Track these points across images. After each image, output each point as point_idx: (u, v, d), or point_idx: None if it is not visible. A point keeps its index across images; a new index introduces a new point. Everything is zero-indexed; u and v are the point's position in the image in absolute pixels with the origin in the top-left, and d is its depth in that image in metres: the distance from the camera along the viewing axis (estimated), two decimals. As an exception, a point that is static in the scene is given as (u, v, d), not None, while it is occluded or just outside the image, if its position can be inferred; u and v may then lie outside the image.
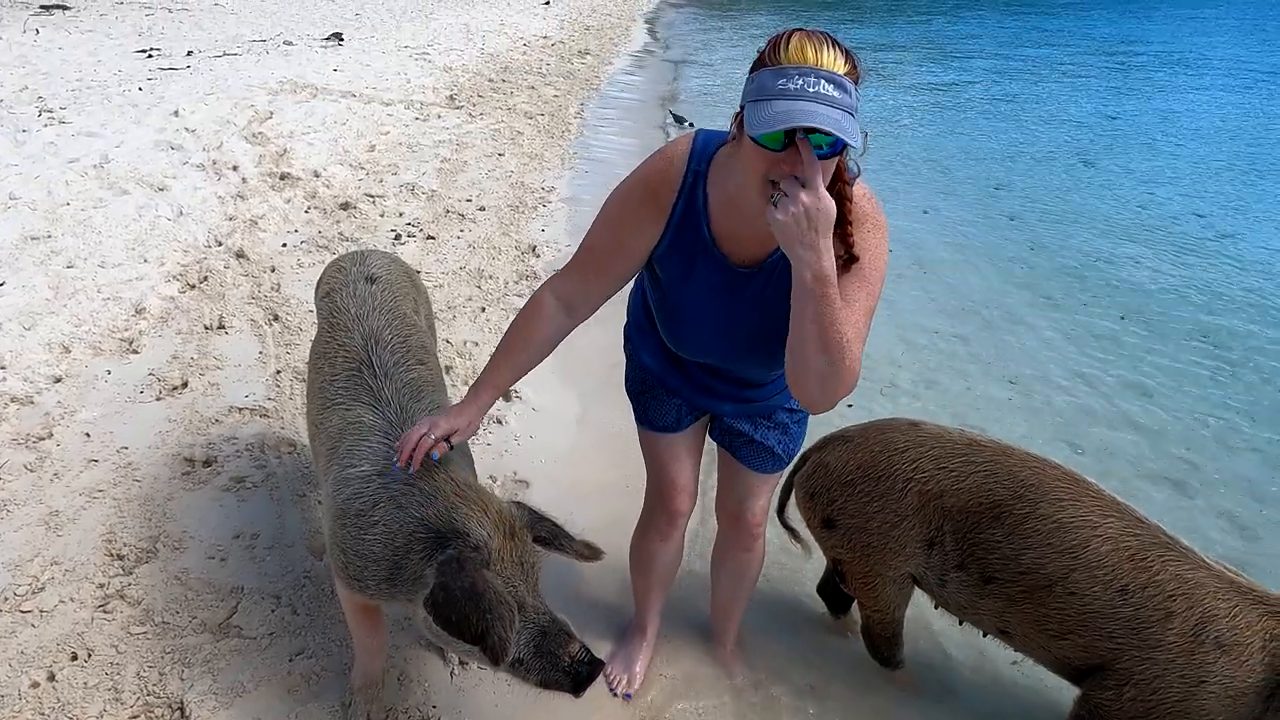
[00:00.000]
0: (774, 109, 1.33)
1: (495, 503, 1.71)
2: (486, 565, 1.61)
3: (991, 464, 2.01)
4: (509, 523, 1.68)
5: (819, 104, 1.31)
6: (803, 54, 1.33)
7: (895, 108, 11.58)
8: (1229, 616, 1.77)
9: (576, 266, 1.75)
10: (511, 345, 1.76)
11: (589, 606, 2.56)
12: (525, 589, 1.66)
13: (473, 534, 1.63)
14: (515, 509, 1.75)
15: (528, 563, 1.68)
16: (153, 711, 2.07)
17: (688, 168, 1.61)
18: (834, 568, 2.34)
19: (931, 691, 2.36)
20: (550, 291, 1.75)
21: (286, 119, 7.40)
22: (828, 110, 1.31)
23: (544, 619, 1.67)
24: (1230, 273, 5.81)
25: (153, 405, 3.32)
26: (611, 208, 1.71)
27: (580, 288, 1.74)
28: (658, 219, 1.66)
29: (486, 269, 4.89)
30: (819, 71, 1.32)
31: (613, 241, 1.71)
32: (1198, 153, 9.44)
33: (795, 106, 1.31)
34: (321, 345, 2.17)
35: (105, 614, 2.33)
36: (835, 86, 1.32)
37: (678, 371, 1.94)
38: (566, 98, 10.26)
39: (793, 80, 1.32)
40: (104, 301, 4.04)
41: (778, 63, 1.35)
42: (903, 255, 5.82)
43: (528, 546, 1.69)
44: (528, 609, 1.66)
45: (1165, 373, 4.37)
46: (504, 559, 1.64)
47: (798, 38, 1.36)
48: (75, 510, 2.71)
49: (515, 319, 1.78)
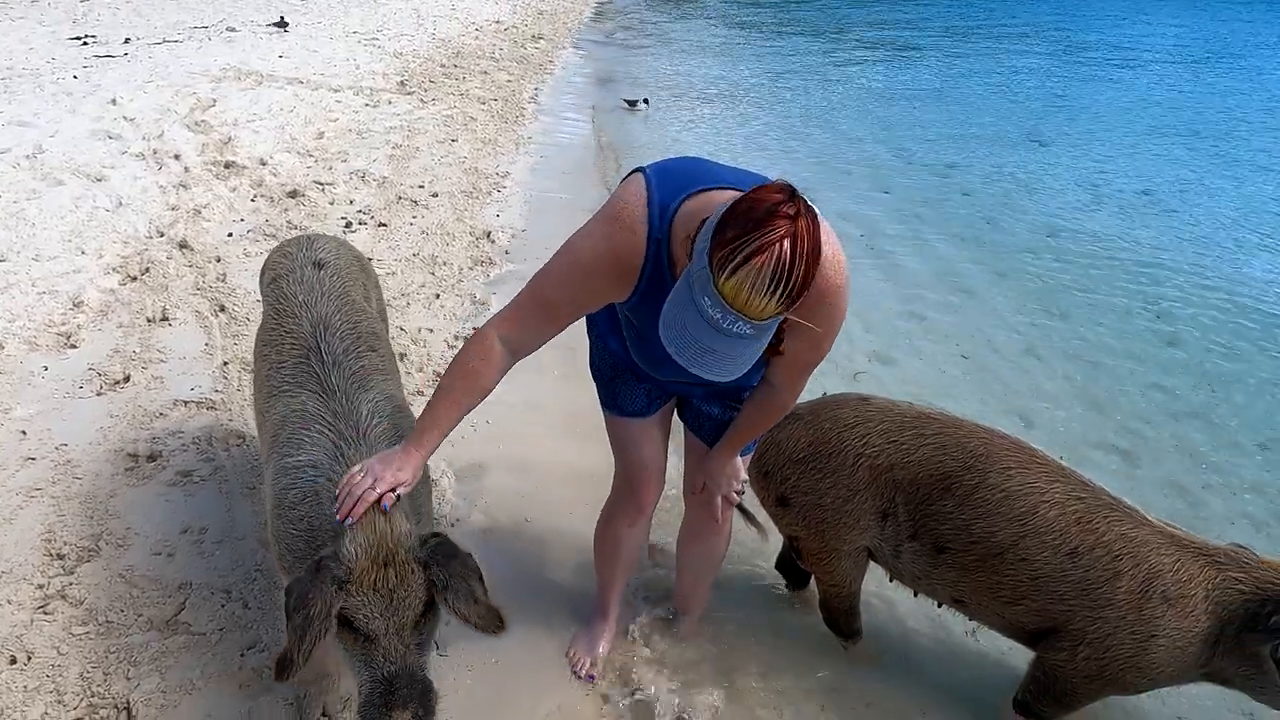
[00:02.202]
0: (684, 338, 1.35)
1: (389, 526, 1.56)
2: (342, 584, 1.50)
3: (941, 436, 2.03)
4: (388, 550, 1.53)
5: (724, 345, 1.33)
6: (736, 295, 1.27)
7: (852, 92, 11.66)
8: (1173, 571, 1.82)
9: (528, 318, 1.69)
10: (460, 391, 1.69)
11: (549, 588, 2.54)
12: (386, 624, 1.51)
13: (344, 549, 1.52)
14: (424, 541, 1.59)
15: (399, 598, 1.52)
16: (97, 713, 2.01)
17: (649, 236, 1.57)
18: (790, 545, 2.35)
19: (889, 662, 2.39)
20: (500, 340, 1.67)
21: (231, 107, 7.19)
22: (732, 349, 1.34)
23: (391, 668, 1.50)
24: (1175, 248, 5.97)
25: (93, 400, 3.21)
26: (574, 270, 1.63)
27: (533, 336, 1.70)
28: (625, 286, 1.64)
29: (440, 255, 4.82)
30: (742, 316, 1.29)
31: (573, 302, 1.68)
32: (1145, 132, 9.66)
33: (698, 349, 1.34)
34: (268, 333, 2.11)
35: (45, 615, 2.25)
36: (753, 326, 1.31)
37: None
38: (520, 82, 10.14)
39: (716, 308, 1.29)
40: (39, 295, 3.89)
41: (718, 276, 1.28)
42: (859, 238, 5.88)
43: (406, 582, 1.53)
44: (379, 647, 1.51)
45: (1113, 345, 4.47)
46: (363, 584, 1.51)
47: (741, 276, 1.26)
48: (11, 510, 2.61)
49: (461, 363, 1.68)
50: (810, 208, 1.32)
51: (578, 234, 1.65)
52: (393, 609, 1.52)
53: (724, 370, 1.37)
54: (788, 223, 1.26)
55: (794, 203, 1.29)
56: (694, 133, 8.92)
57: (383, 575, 1.52)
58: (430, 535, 1.62)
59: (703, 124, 9.43)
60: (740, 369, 1.37)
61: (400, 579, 1.53)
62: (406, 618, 1.54)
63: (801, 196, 1.32)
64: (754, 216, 1.27)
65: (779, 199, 1.29)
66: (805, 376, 1.75)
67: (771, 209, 1.27)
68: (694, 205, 1.53)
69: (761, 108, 10.42)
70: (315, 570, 1.51)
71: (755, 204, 1.29)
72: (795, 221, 1.27)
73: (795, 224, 1.27)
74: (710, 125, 9.39)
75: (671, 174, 1.59)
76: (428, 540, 1.60)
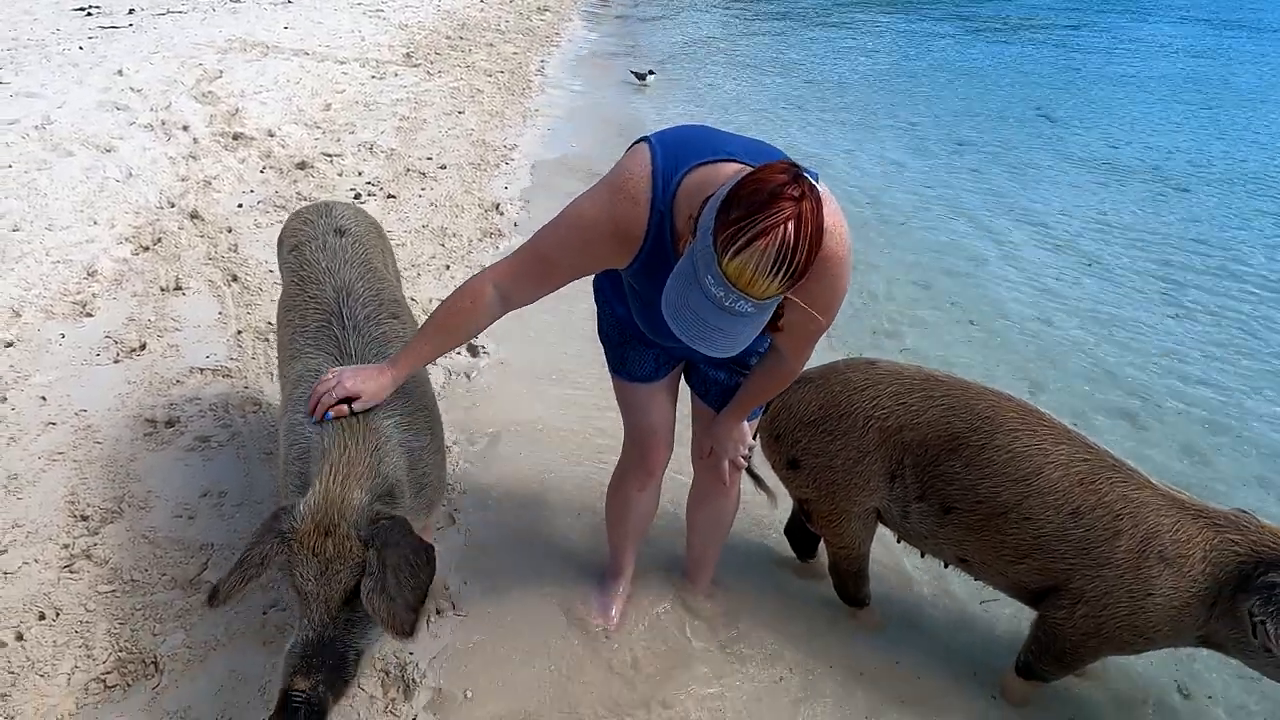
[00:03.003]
0: (686, 315, 1.37)
1: (341, 495, 1.57)
2: (285, 539, 1.53)
3: (949, 398, 2.06)
4: (332, 519, 1.54)
5: (726, 323, 1.36)
6: (740, 275, 1.29)
7: (862, 66, 11.56)
8: (1171, 531, 1.85)
9: (527, 271, 1.72)
10: (444, 327, 1.75)
11: (561, 551, 2.59)
12: (316, 590, 1.52)
13: (298, 506, 1.56)
14: (375, 519, 1.57)
15: (333, 569, 1.52)
16: (126, 667, 2.06)
17: (652, 207, 1.59)
18: (800, 508, 2.39)
19: (895, 627, 2.43)
20: (494, 286, 1.71)
21: (237, 78, 7.17)
22: (734, 327, 1.36)
23: (312, 634, 1.52)
24: (1185, 220, 5.96)
25: (110, 368, 3.25)
26: (575, 234, 1.65)
27: (527, 290, 1.74)
28: (626, 254, 1.66)
29: (450, 227, 4.83)
30: (745, 296, 1.31)
31: (572, 265, 1.71)
32: (1158, 106, 9.58)
33: (700, 325, 1.36)
34: (291, 299, 2.14)
35: (71, 574, 2.31)
36: (755, 305, 1.33)
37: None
38: (526, 54, 10.08)
39: (719, 287, 1.32)
40: (54, 264, 3.92)
41: (722, 256, 1.29)
42: (866, 205, 5.87)
43: (343, 555, 1.53)
44: (309, 610, 1.52)
45: (1122, 312, 4.49)
46: (303, 544, 1.53)
47: (745, 257, 1.28)
48: (34, 473, 2.66)
49: (452, 302, 1.74)
50: (815, 188, 1.33)
51: (582, 198, 1.66)
52: (324, 578, 1.53)
53: (725, 346, 1.40)
54: (792, 204, 1.28)
55: (798, 184, 1.30)
56: (701, 104, 8.88)
57: (321, 542, 1.53)
58: (387, 517, 1.60)
59: (710, 95, 9.38)
60: (740, 345, 1.41)
61: (337, 551, 1.53)
62: (335, 590, 1.53)
63: (806, 176, 1.33)
64: (759, 198, 1.29)
65: (783, 180, 1.30)
66: (811, 345, 1.78)
67: (776, 190, 1.29)
68: (698, 178, 1.54)
69: (770, 80, 10.35)
70: (271, 518, 1.58)
71: (760, 185, 1.30)
72: (799, 203, 1.28)
73: (799, 205, 1.28)
74: (717, 96, 9.33)
75: (676, 144, 1.60)
76: (378, 520, 1.58)
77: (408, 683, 2.11)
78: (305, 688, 1.49)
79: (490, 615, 2.34)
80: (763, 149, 1.63)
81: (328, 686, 1.51)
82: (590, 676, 2.20)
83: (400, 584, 1.53)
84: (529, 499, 2.81)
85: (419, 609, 1.55)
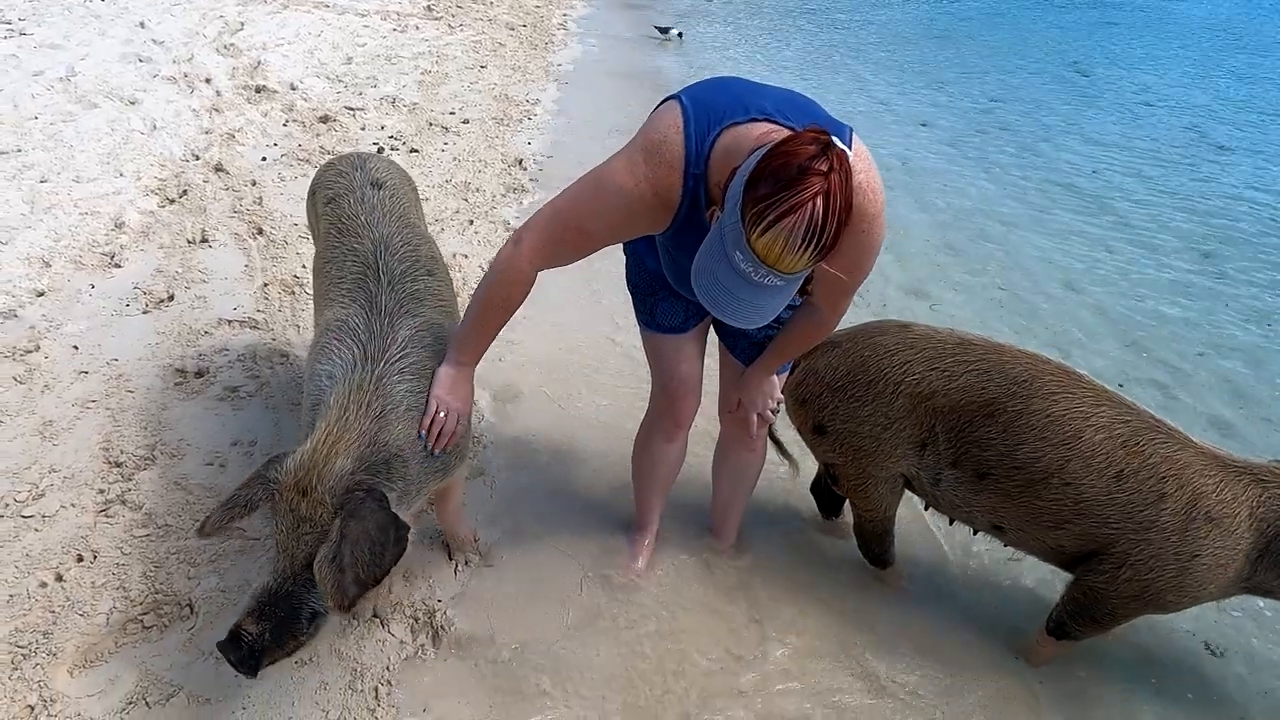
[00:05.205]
0: (716, 288, 1.38)
1: (325, 459, 1.61)
2: (270, 488, 1.60)
3: (984, 362, 2.01)
4: (309, 481, 1.58)
5: (755, 295, 1.36)
6: (769, 251, 1.29)
7: (891, 23, 11.28)
8: (1216, 491, 1.82)
9: (564, 243, 1.70)
10: (494, 319, 1.81)
11: (587, 504, 2.60)
12: (286, 543, 1.58)
13: (288, 458, 1.62)
14: (352, 489, 1.60)
15: (303, 529, 1.57)
16: (162, 609, 2.10)
17: (687, 172, 1.56)
18: (826, 471, 2.36)
19: (918, 588, 2.43)
20: (531, 266, 1.73)
21: (259, 30, 7.11)
22: (762, 299, 1.37)
23: (273, 583, 1.59)
24: (1224, 182, 5.80)
25: (140, 318, 3.28)
26: (613, 204, 1.61)
27: (563, 261, 1.75)
28: (665, 219, 1.64)
29: (473, 182, 4.80)
30: (774, 270, 1.32)
31: (613, 235, 1.71)
32: (1199, 62, 9.28)
33: (729, 298, 1.38)
34: (329, 250, 2.13)
35: (107, 518, 2.35)
36: (784, 278, 1.34)
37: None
38: (549, 8, 9.91)
39: (747, 262, 1.32)
40: (81, 216, 3.93)
41: (750, 233, 1.29)
42: (898, 167, 5.76)
43: (313, 518, 1.58)
44: (278, 558, 1.59)
45: (1153, 279, 4.40)
46: (283, 497, 1.59)
47: (773, 234, 1.28)
48: (69, 420, 2.70)
49: (494, 290, 1.76)
50: (844, 159, 1.30)
51: (615, 167, 1.61)
52: (294, 534, 1.58)
53: (753, 318, 1.40)
54: (820, 179, 1.26)
55: (827, 157, 1.27)
56: (726, 58, 8.71)
57: (297, 500, 1.58)
58: (365, 489, 1.62)
59: (735, 50, 9.20)
60: (769, 316, 1.41)
61: (309, 512, 1.58)
62: (301, 549, 1.57)
63: (835, 146, 1.30)
64: (787, 174, 1.27)
65: (812, 152, 1.28)
66: (848, 298, 1.76)
67: (804, 166, 1.27)
68: (729, 141, 1.51)
69: (797, 39, 10.12)
70: (265, 464, 1.65)
71: (789, 159, 1.28)
72: (828, 177, 1.26)
73: (828, 180, 1.26)
74: (743, 51, 9.15)
75: (708, 102, 1.56)
76: (354, 490, 1.61)
77: (436, 629, 2.14)
78: (254, 631, 1.54)
79: (518, 566, 2.36)
80: (796, 101, 1.60)
81: (273, 637, 1.56)
82: (614, 626, 2.22)
83: (355, 558, 1.54)
84: (556, 453, 2.82)
85: (370, 585, 1.56)
